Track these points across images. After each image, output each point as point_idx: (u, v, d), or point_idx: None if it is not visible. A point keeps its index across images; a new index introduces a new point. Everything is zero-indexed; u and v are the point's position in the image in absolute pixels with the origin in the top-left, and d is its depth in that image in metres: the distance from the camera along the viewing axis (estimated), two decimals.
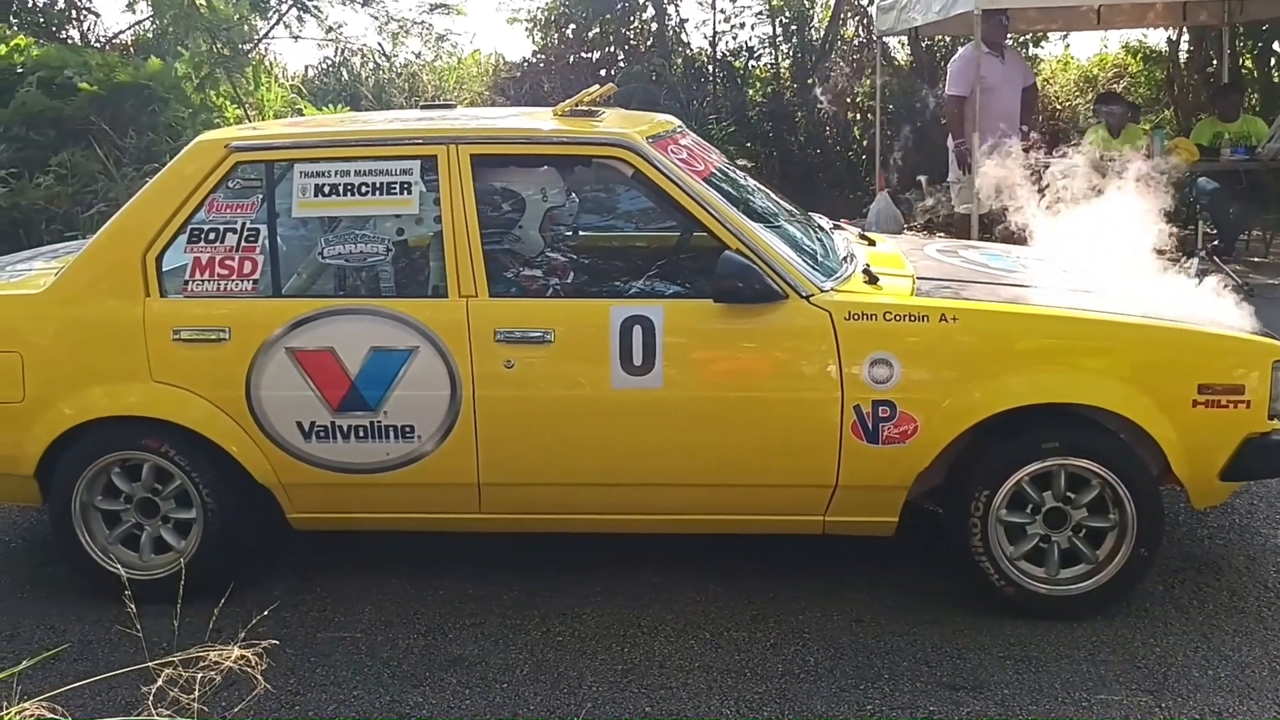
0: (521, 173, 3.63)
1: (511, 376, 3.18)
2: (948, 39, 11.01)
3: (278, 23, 11.53)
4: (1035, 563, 3.20)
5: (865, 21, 11.93)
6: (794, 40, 12.17)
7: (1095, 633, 3.13)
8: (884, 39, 10.46)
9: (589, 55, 12.33)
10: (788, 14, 11.92)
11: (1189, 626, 3.16)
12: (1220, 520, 3.85)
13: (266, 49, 12.36)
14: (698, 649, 3.11)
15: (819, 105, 11.36)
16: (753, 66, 12.28)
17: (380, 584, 3.52)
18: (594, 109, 3.65)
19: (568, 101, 3.62)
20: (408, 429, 3.23)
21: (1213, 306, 3.28)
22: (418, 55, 14.01)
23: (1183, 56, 11.52)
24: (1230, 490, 3.33)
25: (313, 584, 3.53)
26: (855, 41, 12.28)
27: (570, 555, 3.63)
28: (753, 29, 12.17)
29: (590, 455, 3.24)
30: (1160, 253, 3.47)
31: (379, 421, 3.23)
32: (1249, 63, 10.55)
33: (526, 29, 12.72)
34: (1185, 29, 10.76)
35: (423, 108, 4.01)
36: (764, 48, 12.23)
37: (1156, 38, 12.03)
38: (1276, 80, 10.43)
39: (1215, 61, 10.10)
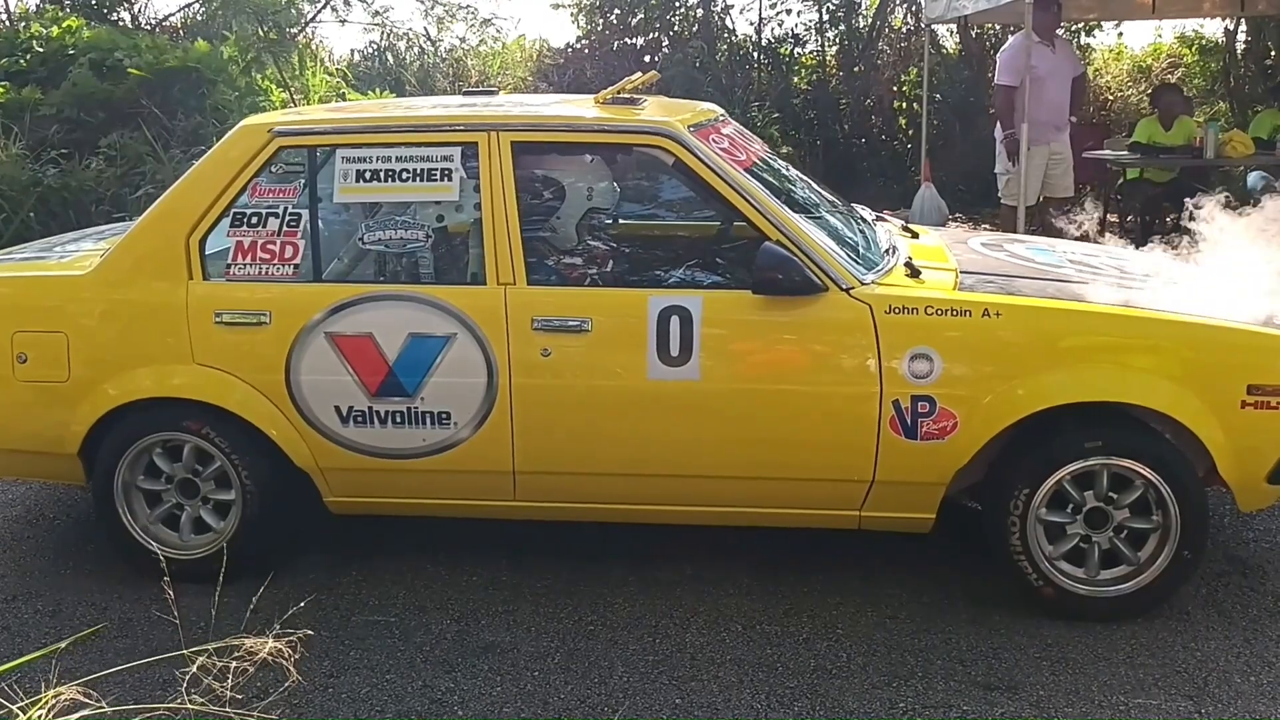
0: (562, 160, 3.62)
1: (548, 365, 3.18)
2: (997, 28, 10.85)
3: (324, 7, 11.62)
4: (1075, 563, 3.16)
5: (913, 9, 11.79)
6: (840, 27, 12.04)
7: (1135, 636, 3.08)
8: (932, 27, 10.32)
9: (633, 41, 12.28)
10: (835, 0, 11.80)
11: (1231, 631, 3.10)
12: (1267, 524, 3.77)
13: (313, 33, 12.47)
14: (729, 642, 3.09)
15: (865, 97, 11.23)
16: (798, 54, 12.17)
17: (415, 569, 3.54)
18: (636, 97, 3.63)
19: (610, 89, 3.61)
20: (444, 415, 3.24)
21: (1263, 305, 3.20)
22: (462, 40, 14.07)
23: (1239, 47, 11.27)
24: (1278, 494, 3.25)
25: (348, 568, 3.55)
26: (903, 29, 12.14)
27: (603, 544, 3.62)
28: (799, 15, 12.08)
29: (625, 445, 3.23)
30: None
31: (416, 407, 3.24)
32: None
33: (571, 14, 12.70)
34: (1242, 19, 10.53)
35: (466, 93, 4.00)
36: (809, 34, 12.12)
37: (1213, 28, 11.79)
38: None
39: (1274, 53, 9.87)
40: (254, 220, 3.35)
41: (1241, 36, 11.22)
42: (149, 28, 11.48)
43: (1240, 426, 3.02)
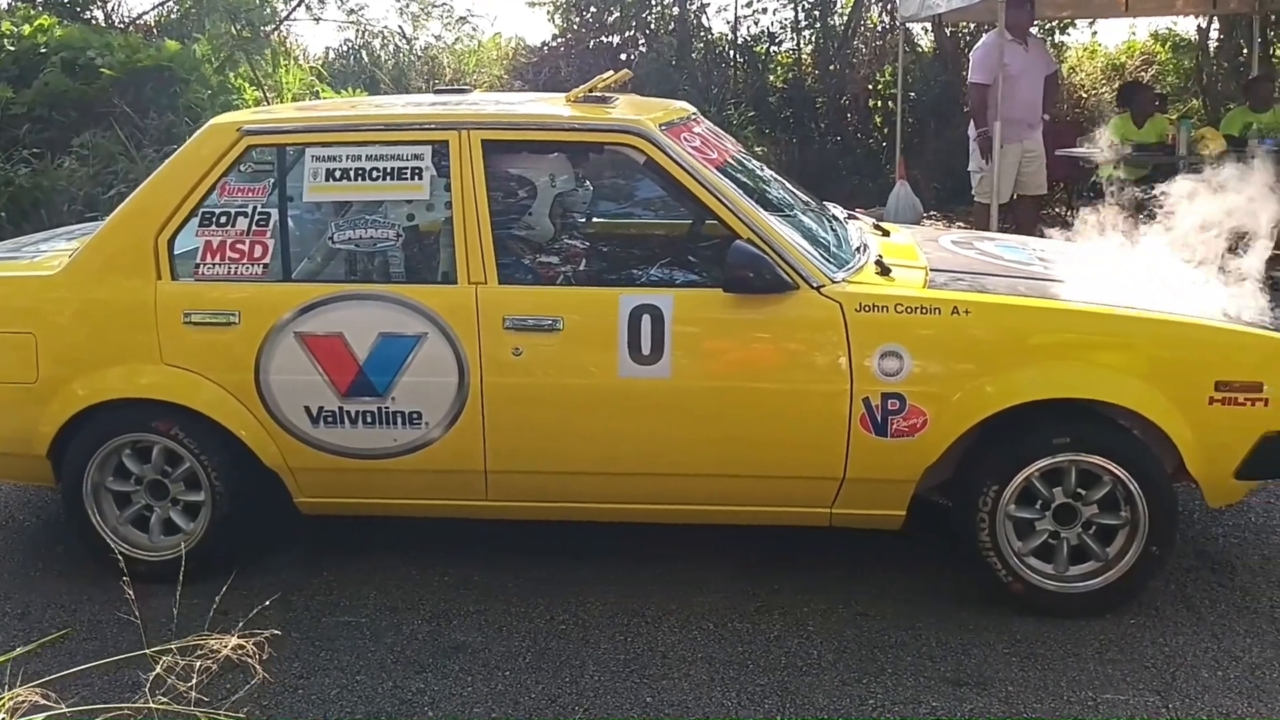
0: (533, 159, 3.61)
1: (519, 364, 3.17)
2: (971, 26, 10.90)
3: (299, 4, 11.55)
4: (1044, 559, 3.17)
5: (888, 7, 11.83)
6: (816, 26, 12.07)
7: (1104, 631, 3.10)
8: (907, 25, 10.36)
9: (609, 39, 12.28)
10: None
11: (1200, 626, 3.12)
12: (1236, 519, 3.80)
13: (287, 31, 12.39)
14: (701, 640, 3.10)
15: (841, 95, 11.26)
16: (774, 52, 12.19)
17: (386, 569, 3.52)
18: (608, 95, 3.63)
19: (581, 87, 3.60)
20: (415, 415, 3.23)
21: (1232, 301, 3.23)
22: (438, 38, 14.04)
23: (1212, 45, 11.37)
24: (1246, 489, 3.28)
25: (319, 568, 3.53)
26: (878, 28, 12.18)
27: (576, 544, 3.62)
28: (774, 14, 12.10)
29: (597, 444, 3.23)
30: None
31: (387, 407, 3.23)
32: None
33: (547, 13, 12.69)
34: (1215, 17, 10.61)
35: (438, 91, 3.99)
36: (785, 33, 12.15)
37: (1186, 26, 11.90)
38: None
39: (1246, 50, 9.96)
40: (223, 219, 3.33)
41: (1214, 34, 11.32)
42: (122, 26, 11.39)
43: (1208, 422, 3.04)
